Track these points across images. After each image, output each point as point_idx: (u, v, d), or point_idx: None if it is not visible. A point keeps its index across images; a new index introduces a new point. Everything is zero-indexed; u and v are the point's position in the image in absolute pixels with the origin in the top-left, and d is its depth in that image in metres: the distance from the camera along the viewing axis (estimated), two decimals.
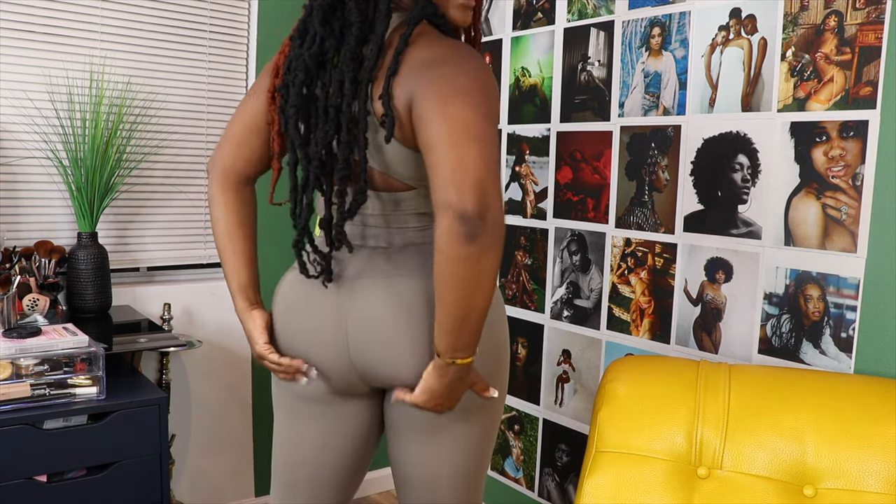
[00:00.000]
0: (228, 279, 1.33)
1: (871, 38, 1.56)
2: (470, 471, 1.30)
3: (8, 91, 2.08)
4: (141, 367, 2.18)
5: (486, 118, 1.06)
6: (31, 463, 1.61)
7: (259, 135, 1.29)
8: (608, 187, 2.10)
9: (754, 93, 1.77)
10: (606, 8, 2.09)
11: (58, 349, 1.65)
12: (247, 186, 1.34)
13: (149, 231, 2.34)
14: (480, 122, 1.05)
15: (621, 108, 2.07)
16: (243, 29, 2.43)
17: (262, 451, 2.58)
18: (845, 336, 1.63)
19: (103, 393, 1.70)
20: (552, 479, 2.31)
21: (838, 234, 1.63)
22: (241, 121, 1.30)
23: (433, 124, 1.05)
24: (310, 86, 1.19)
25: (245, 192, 1.33)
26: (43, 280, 2.02)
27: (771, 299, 1.76)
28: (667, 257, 1.97)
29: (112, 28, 2.20)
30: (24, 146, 2.11)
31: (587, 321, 2.18)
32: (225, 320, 2.45)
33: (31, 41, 2.09)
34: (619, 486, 1.43)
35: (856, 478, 1.32)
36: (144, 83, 2.26)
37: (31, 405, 1.61)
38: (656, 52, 1.97)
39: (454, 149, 1.03)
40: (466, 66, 1.09)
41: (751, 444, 1.39)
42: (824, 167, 1.65)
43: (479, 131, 1.04)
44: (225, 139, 1.32)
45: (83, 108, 2.14)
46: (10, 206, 2.11)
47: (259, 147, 1.30)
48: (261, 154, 1.31)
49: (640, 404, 1.48)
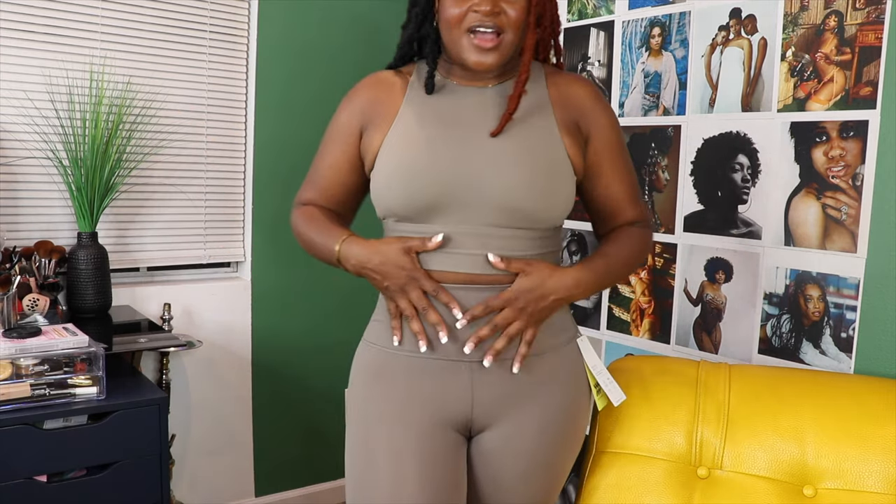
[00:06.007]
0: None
1: (871, 38, 1.56)
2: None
3: (8, 91, 2.08)
4: (141, 367, 2.18)
5: (331, 119, 1.33)
6: (31, 463, 1.61)
7: None
8: None
9: (754, 93, 1.77)
10: (606, 8, 2.09)
11: (58, 349, 1.65)
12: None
13: (149, 231, 2.34)
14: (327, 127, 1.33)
15: (621, 108, 2.07)
16: (243, 29, 2.43)
17: (262, 451, 2.58)
18: (845, 336, 1.63)
19: (103, 393, 1.69)
20: None
21: (838, 234, 1.63)
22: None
23: None
24: None
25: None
26: (43, 280, 2.02)
27: (771, 299, 1.76)
28: (667, 257, 1.97)
29: (112, 28, 2.20)
30: (24, 146, 2.11)
31: (587, 321, 2.18)
32: (225, 320, 2.45)
33: (31, 41, 2.09)
34: (619, 486, 1.43)
35: (856, 478, 1.32)
36: (144, 83, 2.26)
37: (31, 405, 1.61)
38: (656, 52, 1.97)
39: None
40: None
41: (751, 444, 1.39)
42: (824, 167, 1.65)
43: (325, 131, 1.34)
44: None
45: (83, 108, 2.14)
46: (10, 206, 2.11)
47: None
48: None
49: (640, 404, 1.48)
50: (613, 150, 1.31)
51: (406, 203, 1.20)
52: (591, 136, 1.28)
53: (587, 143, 1.28)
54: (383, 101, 1.27)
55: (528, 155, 1.21)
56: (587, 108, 1.28)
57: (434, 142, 1.21)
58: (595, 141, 1.28)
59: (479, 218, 1.19)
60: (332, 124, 1.33)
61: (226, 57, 2.41)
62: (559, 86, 1.28)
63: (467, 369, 1.22)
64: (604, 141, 1.29)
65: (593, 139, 1.28)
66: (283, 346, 2.54)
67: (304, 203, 1.35)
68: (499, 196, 1.18)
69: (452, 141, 1.21)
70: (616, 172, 1.31)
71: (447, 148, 1.20)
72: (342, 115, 1.31)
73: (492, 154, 1.20)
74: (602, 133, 1.29)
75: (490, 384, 1.23)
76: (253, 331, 2.51)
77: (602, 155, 1.29)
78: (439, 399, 1.23)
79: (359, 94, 1.30)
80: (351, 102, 1.31)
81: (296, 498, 2.64)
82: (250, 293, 2.50)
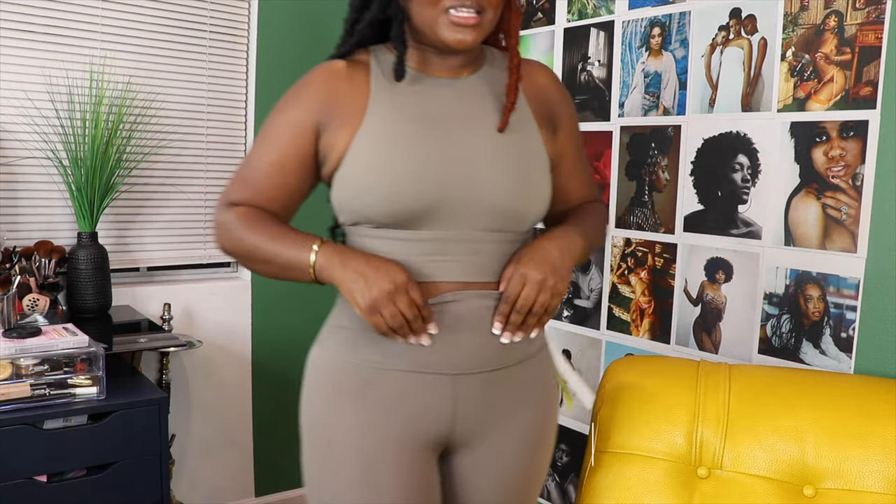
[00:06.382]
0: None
1: (871, 38, 1.56)
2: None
3: (8, 91, 2.08)
4: (141, 367, 2.18)
5: (273, 113, 1.18)
6: (31, 463, 1.61)
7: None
8: (608, 187, 2.10)
9: (754, 93, 1.77)
10: (606, 8, 2.09)
11: (58, 349, 1.65)
12: None
13: (149, 231, 2.34)
14: (268, 118, 1.19)
15: (621, 108, 2.07)
16: (243, 29, 2.43)
17: (262, 451, 2.58)
18: (845, 336, 1.63)
19: (103, 393, 1.69)
20: (552, 479, 2.31)
21: (838, 234, 1.63)
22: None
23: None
24: None
25: None
26: (43, 280, 2.02)
27: (771, 299, 1.76)
28: (667, 257, 1.97)
29: (112, 28, 2.20)
30: (24, 146, 2.11)
31: (587, 321, 2.18)
32: (225, 320, 2.45)
33: (31, 41, 2.09)
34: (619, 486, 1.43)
35: (856, 478, 1.32)
36: (144, 83, 2.26)
37: (31, 405, 1.61)
38: (656, 52, 1.97)
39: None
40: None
41: (751, 444, 1.39)
42: (824, 167, 1.65)
43: (262, 127, 1.19)
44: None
45: (83, 108, 2.14)
46: (10, 206, 2.11)
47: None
48: None
49: (640, 404, 1.48)
50: (577, 140, 1.29)
51: (388, 208, 1.09)
52: (559, 127, 1.24)
53: (555, 133, 1.23)
54: (345, 95, 1.14)
55: (518, 153, 1.15)
56: (555, 99, 1.24)
57: (417, 140, 1.11)
58: (562, 131, 1.25)
59: (471, 223, 1.12)
60: (278, 119, 1.17)
61: (226, 57, 2.41)
62: (525, 74, 1.20)
63: (450, 382, 1.14)
64: (569, 131, 1.26)
65: (561, 129, 1.24)
66: (283, 346, 2.54)
67: (236, 204, 1.17)
68: (494, 200, 1.11)
69: (438, 139, 1.11)
70: (578, 160, 1.29)
71: (434, 147, 1.11)
72: (293, 111, 1.16)
73: (483, 153, 1.12)
74: (569, 122, 1.26)
75: (473, 398, 1.15)
76: (253, 331, 2.51)
77: (567, 145, 1.26)
78: (422, 418, 1.14)
79: (313, 87, 1.16)
80: (304, 97, 1.16)
81: (296, 498, 2.64)
82: (250, 293, 2.50)
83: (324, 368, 1.20)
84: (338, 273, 1.08)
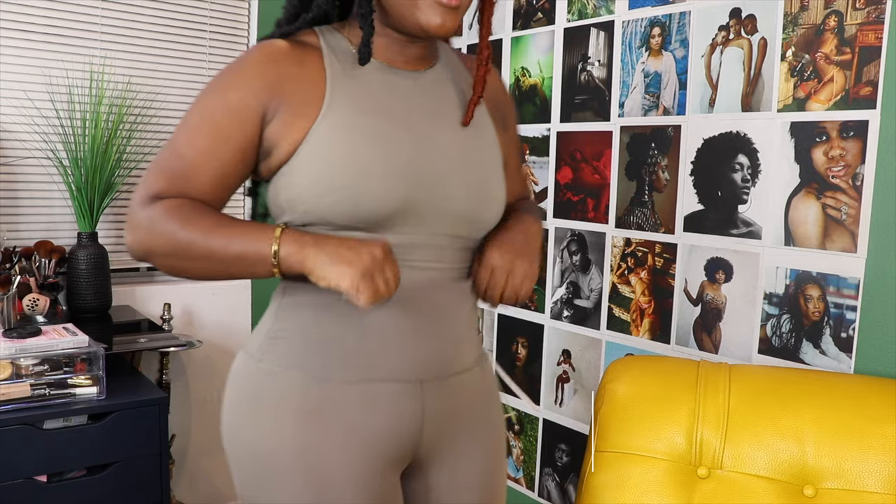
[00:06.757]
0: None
1: (871, 38, 1.56)
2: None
3: (8, 91, 2.08)
4: (141, 367, 2.18)
5: (203, 96, 1.04)
6: (31, 463, 1.61)
7: None
8: (608, 187, 2.10)
9: (754, 93, 1.77)
10: (606, 8, 2.09)
11: (58, 349, 1.65)
12: None
13: None
14: (196, 102, 1.04)
15: (621, 108, 2.07)
16: (243, 29, 2.43)
17: None
18: (845, 336, 1.63)
19: (103, 393, 1.70)
20: (552, 479, 2.31)
21: (838, 234, 1.63)
22: None
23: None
24: None
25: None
26: (43, 280, 2.03)
27: (771, 299, 1.76)
28: (667, 257, 1.97)
29: (112, 28, 2.20)
30: (24, 146, 2.11)
31: (587, 321, 2.18)
32: (225, 320, 2.45)
33: (31, 41, 2.09)
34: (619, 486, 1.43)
35: (856, 478, 1.32)
36: (144, 83, 2.26)
37: (31, 405, 1.61)
38: (656, 52, 1.97)
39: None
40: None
41: (751, 444, 1.39)
42: (824, 167, 1.65)
43: (189, 112, 1.03)
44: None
45: (83, 108, 2.14)
46: (10, 206, 2.11)
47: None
48: None
49: (640, 404, 1.48)
50: (518, 141, 1.28)
51: (353, 210, 0.98)
52: (506, 128, 1.21)
53: (504, 134, 1.20)
54: (297, 80, 1.01)
55: (479, 153, 1.09)
56: (504, 100, 1.22)
57: (384, 136, 1.00)
58: (507, 132, 1.22)
59: (437, 227, 1.04)
60: (212, 102, 1.02)
61: (226, 57, 2.41)
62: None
63: (418, 390, 1.06)
64: (513, 132, 1.25)
65: (506, 131, 1.21)
66: None
67: (159, 196, 1.00)
68: (463, 203, 1.05)
69: (405, 136, 1.02)
70: (518, 162, 1.29)
71: (402, 145, 1.01)
72: (232, 94, 1.01)
73: (449, 152, 1.05)
74: (513, 124, 1.25)
75: (439, 409, 1.08)
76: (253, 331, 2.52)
77: (511, 147, 1.24)
78: (386, 433, 1.04)
79: (257, 68, 1.02)
80: (248, 78, 1.02)
81: None
82: (250, 293, 2.50)
83: (260, 386, 1.06)
84: (311, 257, 0.94)
